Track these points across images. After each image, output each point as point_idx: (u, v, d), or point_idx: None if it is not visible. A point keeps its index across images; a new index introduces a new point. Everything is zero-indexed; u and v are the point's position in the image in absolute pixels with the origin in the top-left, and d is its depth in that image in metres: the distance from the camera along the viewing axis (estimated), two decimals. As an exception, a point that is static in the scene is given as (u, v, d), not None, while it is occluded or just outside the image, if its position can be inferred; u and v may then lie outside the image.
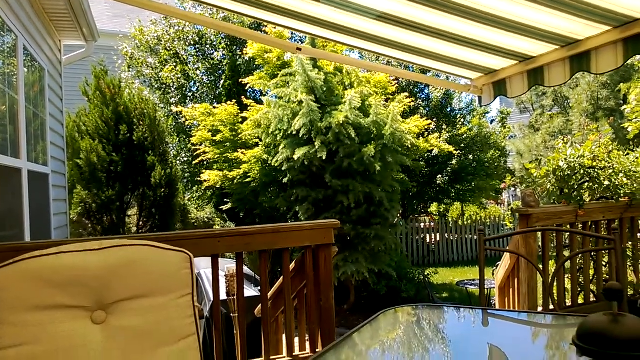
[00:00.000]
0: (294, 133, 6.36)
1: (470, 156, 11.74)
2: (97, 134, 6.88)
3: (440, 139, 10.24)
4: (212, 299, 3.04)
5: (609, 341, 0.68)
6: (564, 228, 3.88)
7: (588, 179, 4.13)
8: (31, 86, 4.89)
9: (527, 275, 3.78)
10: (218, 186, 7.83)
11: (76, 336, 1.37)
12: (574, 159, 4.13)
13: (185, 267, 1.55)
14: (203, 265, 4.91)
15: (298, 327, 3.42)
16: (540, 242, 3.94)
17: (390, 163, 6.51)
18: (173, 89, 11.25)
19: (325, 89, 6.64)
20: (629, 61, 5.63)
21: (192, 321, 1.51)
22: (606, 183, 4.05)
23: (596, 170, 4.11)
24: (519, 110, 16.61)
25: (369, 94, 6.88)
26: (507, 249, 3.44)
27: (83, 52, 6.42)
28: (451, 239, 12.11)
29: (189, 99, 11.20)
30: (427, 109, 11.95)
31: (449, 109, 12.29)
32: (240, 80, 8.45)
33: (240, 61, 10.66)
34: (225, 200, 8.17)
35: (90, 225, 6.83)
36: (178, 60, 11.27)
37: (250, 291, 4.52)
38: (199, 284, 4.73)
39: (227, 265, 3.94)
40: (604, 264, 4.25)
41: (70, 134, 6.96)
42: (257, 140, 7.48)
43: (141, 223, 7.25)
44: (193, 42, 11.41)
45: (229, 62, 10.62)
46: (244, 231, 2.94)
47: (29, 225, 4.33)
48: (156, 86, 11.26)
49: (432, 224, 12.52)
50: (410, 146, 7.37)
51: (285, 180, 6.79)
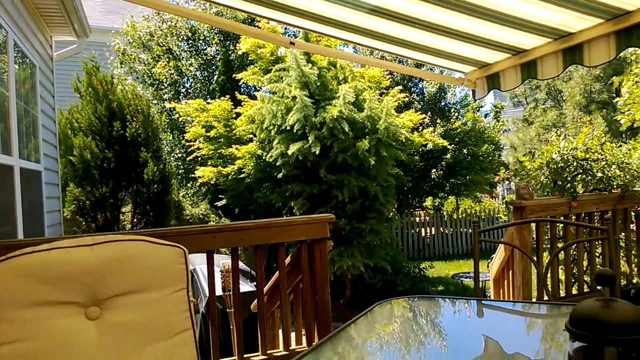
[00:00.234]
0: (288, 128, 6.35)
1: (465, 150, 11.77)
2: (90, 130, 6.85)
3: (434, 133, 10.25)
4: (207, 294, 3.04)
5: (600, 326, 0.68)
6: (558, 221, 3.90)
7: (581, 171, 4.15)
8: (22, 83, 4.85)
9: (521, 267, 3.80)
10: (212, 182, 7.81)
11: (71, 332, 1.37)
12: (567, 151, 4.14)
13: (179, 262, 1.55)
14: (198, 262, 4.90)
15: (294, 321, 3.43)
16: (534, 234, 3.97)
17: (385, 157, 6.52)
18: (166, 85, 11.20)
19: (319, 83, 6.63)
20: (622, 54, 5.65)
21: (187, 316, 1.51)
22: (599, 175, 4.07)
23: (589, 162, 4.13)
24: (512, 104, 16.66)
25: (363, 89, 6.87)
26: (502, 240, 3.45)
27: (75, 48, 6.37)
28: (446, 232, 12.15)
29: (182, 95, 11.15)
30: (421, 103, 11.96)
31: (443, 104, 12.30)
32: (234, 76, 8.42)
33: (233, 56, 10.61)
34: (220, 196, 8.15)
35: (84, 223, 6.79)
36: (171, 56, 11.21)
37: (246, 286, 4.52)
38: (195, 280, 4.72)
39: (223, 260, 3.93)
40: (597, 254, 4.28)
41: (62, 130, 6.91)
42: (251, 135, 7.46)
43: (135, 220, 7.23)
44: (186, 38, 11.35)
45: (222, 57, 10.57)
46: (239, 226, 2.94)
47: (22, 224, 4.30)
48: (149, 82, 11.20)
49: (427, 218, 12.55)
50: (404, 140, 7.38)
51: (280, 175, 6.79)
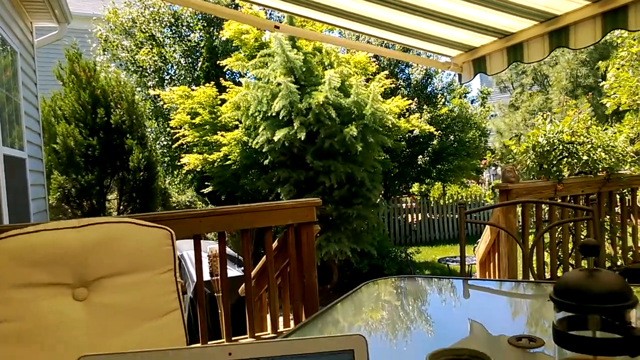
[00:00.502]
0: (274, 114, 6.32)
1: (452, 136, 11.81)
2: (74, 117, 6.75)
3: (421, 119, 10.27)
4: (195, 280, 3.03)
5: (585, 295, 0.69)
6: (543, 202, 3.95)
7: (567, 154, 4.19)
8: (3, 70, 4.75)
9: (506, 249, 3.84)
10: (198, 169, 7.76)
11: (58, 313, 1.36)
12: (553, 134, 4.18)
13: (166, 243, 1.54)
14: (185, 248, 4.89)
15: (282, 305, 3.44)
16: (520, 218, 4.01)
17: (372, 143, 6.52)
18: (150, 72, 11.05)
19: (304, 69, 6.59)
20: (608, 38, 5.70)
21: (175, 297, 1.50)
22: (585, 158, 4.11)
23: (575, 145, 4.17)
24: (499, 89, 16.73)
25: (349, 74, 6.85)
26: (488, 222, 3.48)
27: (56, 35, 6.24)
28: (433, 218, 12.23)
29: (166, 82, 11.02)
30: (407, 89, 11.96)
31: (429, 89, 12.31)
32: (218, 63, 8.34)
33: (217, 43, 10.49)
34: (206, 183, 8.11)
35: (69, 211, 6.73)
36: (154, 43, 11.05)
37: (233, 271, 4.52)
38: (182, 265, 4.71)
39: (210, 245, 3.93)
40: (582, 237, 4.34)
41: (45, 118, 6.81)
42: (237, 122, 7.42)
43: (122, 207, 7.17)
44: (169, 24, 11.18)
45: (206, 43, 10.45)
46: (225, 210, 2.93)
47: (7, 211, 4.25)
48: (132, 69, 11.04)
49: (414, 204, 12.61)
50: (391, 126, 7.38)
51: (266, 162, 6.76)
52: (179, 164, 8.23)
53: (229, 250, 5.41)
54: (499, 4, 2.90)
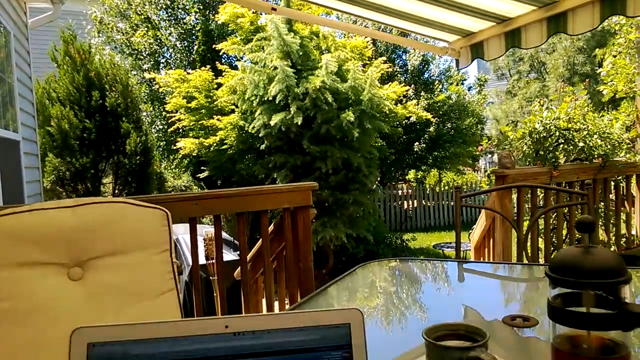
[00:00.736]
0: (270, 99, 6.29)
1: (448, 124, 11.80)
2: (68, 100, 6.70)
3: (418, 106, 10.25)
4: (191, 263, 3.04)
5: (580, 271, 0.69)
6: (539, 186, 3.96)
7: (563, 140, 4.19)
8: (-4, 50, 4.70)
9: (501, 235, 3.86)
10: (194, 154, 7.74)
11: (53, 292, 1.36)
12: (549, 120, 4.18)
13: (162, 223, 1.54)
14: (181, 232, 4.88)
15: (278, 289, 3.45)
16: (515, 203, 4.02)
17: (369, 129, 6.51)
18: (145, 55, 10.96)
19: (301, 53, 6.54)
20: (605, 24, 5.68)
21: (171, 277, 1.50)
22: (581, 145, 4.12)
23: (571, 132, 4.18)
24: (496, 76, 16.70)
25: (346, 59, 6.81)
26: (483, 206, 3.50)
27: (50, 15, 6.15)
28: (428, 205, 12.26)
29: (162, 65, 10.93)
30: (404, 75, 11.91)
31: (426, 76, 12.27)
32: (214, 46, 8.27)
33: (213, 26, 10.40)
34: (202, 168, 8.10)
35: (64, 194, 6.70)
36: (149, 25, 10.94)
37: (229, 256, 4.53)
38: (178, 249, 4.71)
39: (206, 229, 3.93)
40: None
41: (39, 100, 6.75)
42: (233, 106, 7.38)
43: (117, 191, 7.15)
44: (164, 6, 11.06)
45: (202, 27, 10.36)
46: (222, 193, 2.92)
47: (1, 193, 4.23)
48: (128, 52, 10.94)
49: (410, 190, 12.63)
50: (388, 112, 7.37)
51: (263, 147, 6.74)
52: (174, 148, 8.20)
53: (224, 235, 5.42)
54: (498, -13, 2.88)
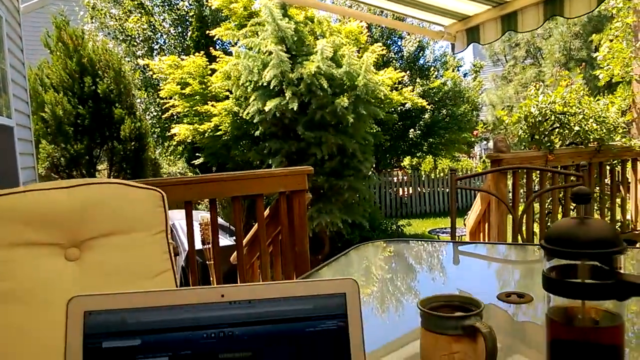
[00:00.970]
0: (265, 84, 6.26)
1: (444, 110, 11.78)
2: (62, 86, 6.64)
3: (413, 92, 10.22)
4: (187, 248, 3.04)
5: (576, 242, 0.69)
6: (534, 171, 3.97)
7: (559, 124, 4.19)
8: (-13, 35, 4.64)
9: (497, 219, 3.88)
10: (189, 140, 7.71)
11: (50, 272, 1.35)
12: (545, 105, 4.18)
13: (158, 204, 1.53)
14: (177, 217, 4.88)
15: (274, 273, 3.46)
16: (511, 188, 4.03)
17: (364, 115, 6.49)
18: (139, 41, 10.86)
19: (295, 38, 6.50)
20: (602, 8, 5.65)
21: (168, 257, 1.50)
22: (576, 129, 4.12)
23: (567, 116, 4.18)
24: (491, 62, 16.66)
25: (341, 44, 6.77)
26: (479, 188, 3.50)
27: (42, 0, 6.08)
28: (424, 191, 12.28)
29: (155, 51, 10.84)
30: (400, 61, 11.86)
31: (421, 62, 12.22)
32: (208, 32, 8.20)
33: (207, 11, 10.31)
34: (197, 154, 8.07)
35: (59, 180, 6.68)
36: (143, 11, 10.83)
37: (225, 241, 4.53)
38: (174, 234, 4.71)
39: (201, 214, 3.92)
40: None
41: (32, 87, 6.69)
42: (227, 92, 7.34)
43: (112, 177, 7.14)
44: (158, -8, 10.96)
45: (195, 12, 10.27)
46: (217, 177, 2.92)
47: (-6, 179, 4.20)
48: (121, 38, 10.84)
49: (405, 177, 12.64)
50: (383, 98, 7.35)
51: (257, 133, 6.72)
52: (169, 134, 8.16)
53: (220, 221, 5.42)
54: (494, -31, 2.86)
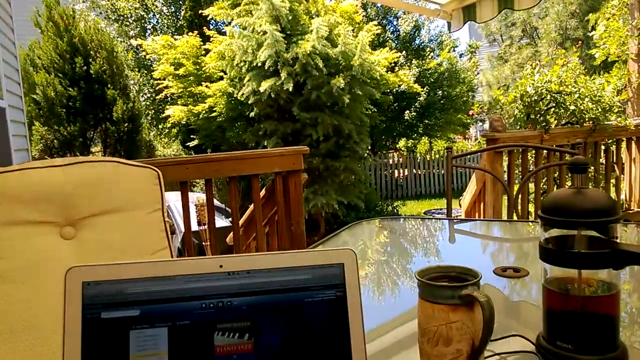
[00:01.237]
0: (260, 65, 6.20)
1: (439, 91, 11.72)
2: (53, 67, 6.57)
3: (409, 74, 10.16)
4: (183, 230, 3.04)
5: (573, 211, 0.69)
6: (530, 150, 3.98)
7: (554, 104, 4.19)
8: (-23, 14, 4.57)
9: (492, 198, 3.89)
10: (183, 122, 7.67)
11: (45, 251, 1.35)
12: (541, 84, 4.16)
13: (154, 182, 1.52)
14: (173, 199, 4.88)
15: (270, 253, 3.47)
16: (506, 167, 4.04)
17: (359, 96, 6.46)
18: (131, 21, 10.72)
19: (290, 17, 6.42)
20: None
21: (164, 235, 1.50)
22: (572, 108, 4.11)
23: (563, 95, 4.17)
24: (488, 41, 16.56)
25: (336, 23, 6.70)
26: (474, 166, 3.51)
27: (31, -21, 5.99)
28: (419, 173, 12.30)
29: (148, 31, 10.71)
30: (395, 42, 11.77)
31: (417, 42, 12.14)
32: (201, 12, 8.10)
33: (201, -9, 10.16)
34: (192, 136, 8.04)
35: (53, 163, 6.64)
36: (135, -10, 10.67)
37: (221, 222, 4.54)
38: (170, 216, 4.71)
39: (197, 195, 3.92)
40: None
41: (23, 67, 6.61)
42: (222, 73, 7.28)
43: (106, 159, 7.10)
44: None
45: (189, -9, 10.12)
46: (213, 157, 2.91)
47: (-13, 161, 4.17)
48: (113, 18, 10.70)
49: (400, 159, 12.64)
50: (379, 79, 7.31)
51: (252, 114, 6.69)
52: (163, 116, 8.11)
53: (216, 202, 5.42)
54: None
